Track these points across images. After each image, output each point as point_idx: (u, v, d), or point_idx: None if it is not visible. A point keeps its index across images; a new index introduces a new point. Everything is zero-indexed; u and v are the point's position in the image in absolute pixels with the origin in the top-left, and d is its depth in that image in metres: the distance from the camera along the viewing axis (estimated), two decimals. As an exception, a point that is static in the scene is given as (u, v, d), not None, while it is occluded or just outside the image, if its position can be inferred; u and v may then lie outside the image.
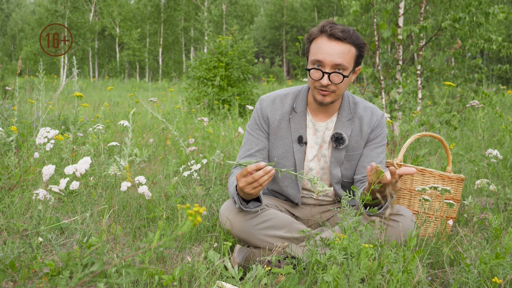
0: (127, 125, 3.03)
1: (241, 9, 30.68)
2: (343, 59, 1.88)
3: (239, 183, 1.76)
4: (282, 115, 2.06)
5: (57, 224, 2.06)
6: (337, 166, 2.08)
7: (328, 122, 2.07)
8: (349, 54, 1.89)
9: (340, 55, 1.87)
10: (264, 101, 2.09)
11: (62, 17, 25.30)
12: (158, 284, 1.62)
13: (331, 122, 2.07)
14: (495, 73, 4.88)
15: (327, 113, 2.07)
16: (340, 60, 1.87)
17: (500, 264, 1.60)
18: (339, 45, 1.88)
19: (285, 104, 2.07)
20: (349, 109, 2.07)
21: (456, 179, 2.27)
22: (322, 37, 1.90)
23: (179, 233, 0.93)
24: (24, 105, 5.42)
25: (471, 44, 4.28)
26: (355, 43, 1.90)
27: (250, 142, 2.08)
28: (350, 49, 1.89)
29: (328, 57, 1.87)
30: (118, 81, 20.78)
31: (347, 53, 1.89)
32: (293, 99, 2.08)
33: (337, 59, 1.87)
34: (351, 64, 1.91)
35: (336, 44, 1.88)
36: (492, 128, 5.64)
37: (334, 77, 1.89)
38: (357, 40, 1.90)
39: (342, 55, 1.87)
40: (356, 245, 1.51)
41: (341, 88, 1.94)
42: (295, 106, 2.06)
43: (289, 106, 2.07)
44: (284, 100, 2.08)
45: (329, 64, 1.88)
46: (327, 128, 2.07)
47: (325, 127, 2.07)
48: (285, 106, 2.07)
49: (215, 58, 7.59)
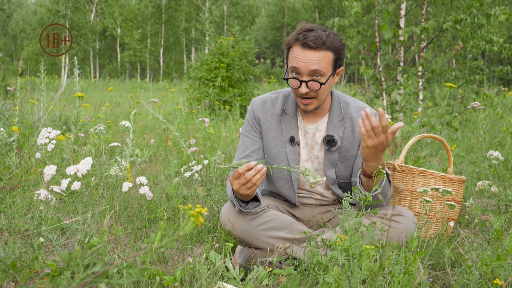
0: (128, 125, 3.03)
1: (242, 10, 30.68)
2: (319, 65, 1.86)
3: (233, 185, 1.77)
4: (272, 117, 2.08)
5: (58, 225, 2.06)
6: (331, 168, 2.08)
7: (319, 124, 2.08)
8: (325, 59, 1.88)
9: (315, 62, 1.86)
10: (255, 103, 2.11)
11: (63, 17, 25.32)
12: (159, 284, 1.62)
13: (321, 124, 2.08)
14: (496, 75, 4.87)
15: (317, 114, 2.08)
16: (316, 67, 1.86)
17: (502, 266, 1.60)
18: (313, 53, 1.86)
19: (275, 106, 2.09)
20: (340, 110, 2.07)
21: (457, 180, 2.27)
22: (297, 45, 1.90)
23: (181, 233, 0.93)
24: (25, 105, 5.42)
25: (472, 46, 4.28)
26: (331, 48, 1.88)
27: (245, 143, 2.10)
28: (326, 55, 1.88)
29: (303, 65, 1.87)
30: (119, 81, 20.79)
31: (323, 59, 1.87)
32: (283, 101, 2.09)
33: (312, 66, 1.86)
34: (328, 69, 1.90)
35: (310, 52, 1.87)
36: (493, 130, 5.64)
37: (312, 84, 1.90)
38: (332, 45, 1.88)
39: (317, 62, 1.86)
40: (358, 246, 1.51)
41: (322, 93, 1.94)
42: (285, 108, 2.08)
43: (280, 108, 2.08)
44: (274, 102, 2.10)
45: (305, 72, 1.88)
46: (318, 130, 2.08)
47: (315, 129, 2.08)
48: (276, 108, 2.09)
49: (216, 58, 7.60)
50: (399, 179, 2.32)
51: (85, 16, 26.62)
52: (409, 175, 2.28)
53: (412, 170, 2.27)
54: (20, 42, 36.19)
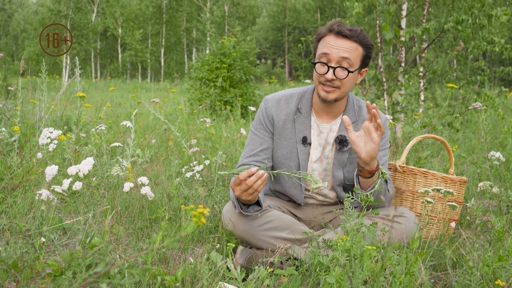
0: (129, 125, 3.03)
1: (243, 10, 30.70)
2: (349, 54, 1.89)
3: (235, 192, 1.77)
4: (287, 116, 2.06)
5: (59, 225, 2.06)
6: (339, 168, 2.08)
7: (332, 124, 2.07)
8: (356, 51, 1.91)
9: (346, 50, 1.89)
10: (269, 101, 2.09)
11: (65, 17, 25.34)
12: (161, 285, 1.62)
13: (335, 124, 2.07)
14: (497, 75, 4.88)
15: (332, 114, 2.07)
16: (347, 54, 1.89)
17: (503, 267, 1.60)
18: (346, 42, 1.90)
19: (290, 105, 2.07)
20: (353, 112, 2.07)
21: (459, 181, 2.27)
22: (330, 35, 1.92)
23: (183, 234, 0.93)
24: (26, 105, 5.43)
25: (473, 46, 4.28)
26: (363, 43, 1.92)
27: (254, 141, 2.08)
28: (357, 48, 1.91)
29: (334, 50, 1.89)
30: (120, 81, 20.81)
31: (354, 50, 1.90)
32: (298, 99, 2.08)
33: (343, 53, 1.89)
34: (357, 62, 1.92)
35: (343, 41, 1.90)
36: (494, 130, 5.63)
37: (339, 72, 1.90)
38: (364, 40, 1.92)
39: (349, 50, 1.89)
40: (359, 247, 1.51)
41: (346, 85, 1.94)
42: (300, 106, 2.07)
43: (294, 107, 2.07)
44: (289, 100, 2.08)
45: (335, 59, 1.89)
46: (331, 130, 2.07)
47: (329, 129, 2.07)
48: (290, 107, 2.07)
49: (218, 59, 7.60)
50: (401, 180, 2.32)
51: (87, 16, 26.64)
52: (411, 176, 2.28)
53: (414, 171, 2.27)
54: (21, 42, 36.21)
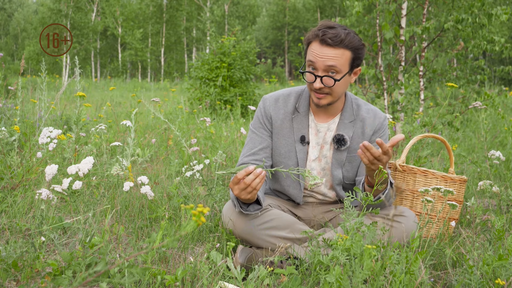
0: (129, 125, 3.03)
1: (243, 10, 30.67)
2: (335, 62, 1.87)
3: (234, 191, 1.77)
4: (285, 115, 2.07)
5: (59, 224, 2.06)
6: (338, 168, 2.08)
7: (330, 123, 2.07)
8: (342, 57, 1.89)
9: (331, 59, 1.87)
10: (267, 100, 2.10)
11: (65, 17, 25.34)
12: (161, 284, 1.62)
13: (333, 123, 2.07)
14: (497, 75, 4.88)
15: (329, 114, 2.07)
16: (332, 63, 1.87)
17: (503, 266, 1.60)
18: (330, 49, 1.88)
19: (288, 104, 2.08)
20: (351, 111, 2.07)
21: (459, 180, 2.27)
22: (316, 41, 1.91)
23: (183, 233, 0.93)
24: (26, 104, 5.43)
25: (473, 45, 4.27)
26: (349, 47, 1.89)
27: (254, 140, 2.09)
28: (344, 53, 1.89)
29: (320, 59, 1.88)
30: (120, 81, 20.79)
31: (340, 56, 1.88)
32: (296, 99, 2.09)
33: (328, 62, 1.87)
34: (345, 67, 1.91)
35: (327, 49, 1.88)
36: (494, 130, 5.63)
37: (326, 80, 1.90)
38: (351, 44, 1.89)
39: (333, 59, 1.87)
40: (359, 246, 1.51)
41: (337, 90, 1.94)
42: (297, 106, 2.07)
43: (292, 106, 2.07)
44: (287, 99, 2.08)
45: (321, 67, 1.89)
46: (329, 129, 2.07)
47: (326, 128, 2.07)
48: (288, 106, 2.07)
49: (217, 58, 7.60)
50: (401, 179, 2.32)
51: (87, 16, 26.65)
52: (411, 175, 2.28)
53: (414, 170, 2.27)
54: (21, 42, 36.20)
